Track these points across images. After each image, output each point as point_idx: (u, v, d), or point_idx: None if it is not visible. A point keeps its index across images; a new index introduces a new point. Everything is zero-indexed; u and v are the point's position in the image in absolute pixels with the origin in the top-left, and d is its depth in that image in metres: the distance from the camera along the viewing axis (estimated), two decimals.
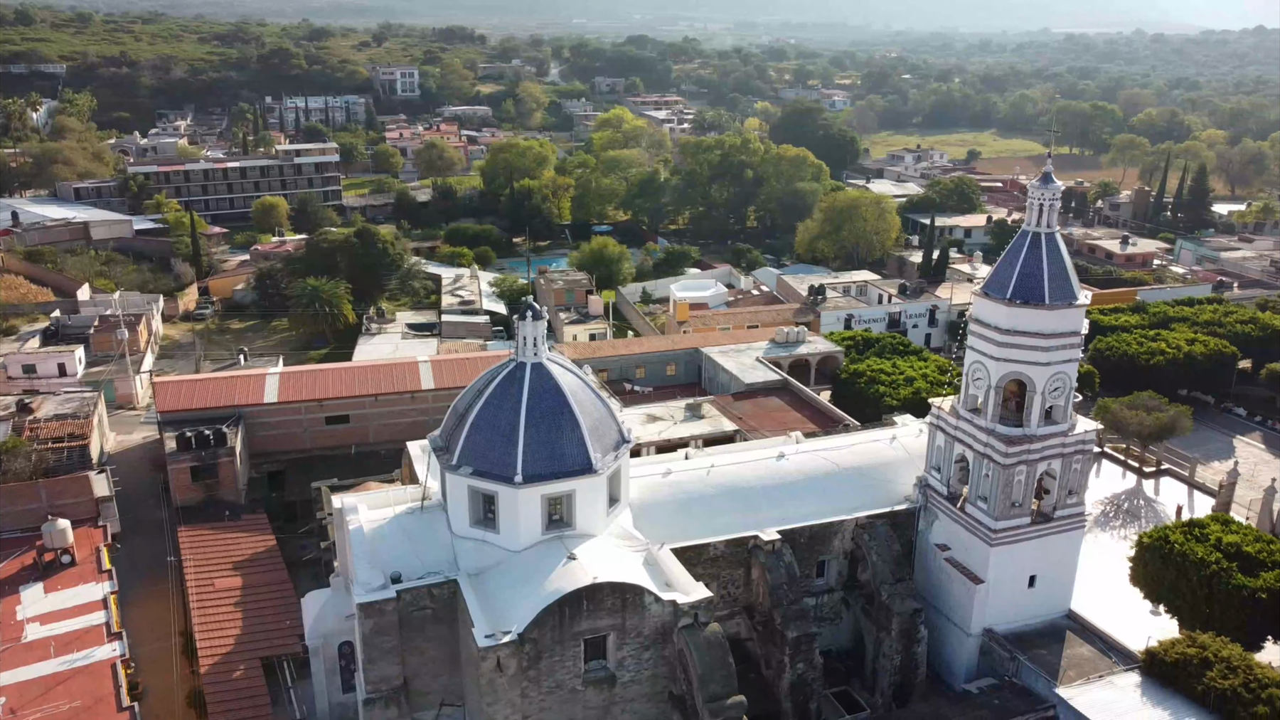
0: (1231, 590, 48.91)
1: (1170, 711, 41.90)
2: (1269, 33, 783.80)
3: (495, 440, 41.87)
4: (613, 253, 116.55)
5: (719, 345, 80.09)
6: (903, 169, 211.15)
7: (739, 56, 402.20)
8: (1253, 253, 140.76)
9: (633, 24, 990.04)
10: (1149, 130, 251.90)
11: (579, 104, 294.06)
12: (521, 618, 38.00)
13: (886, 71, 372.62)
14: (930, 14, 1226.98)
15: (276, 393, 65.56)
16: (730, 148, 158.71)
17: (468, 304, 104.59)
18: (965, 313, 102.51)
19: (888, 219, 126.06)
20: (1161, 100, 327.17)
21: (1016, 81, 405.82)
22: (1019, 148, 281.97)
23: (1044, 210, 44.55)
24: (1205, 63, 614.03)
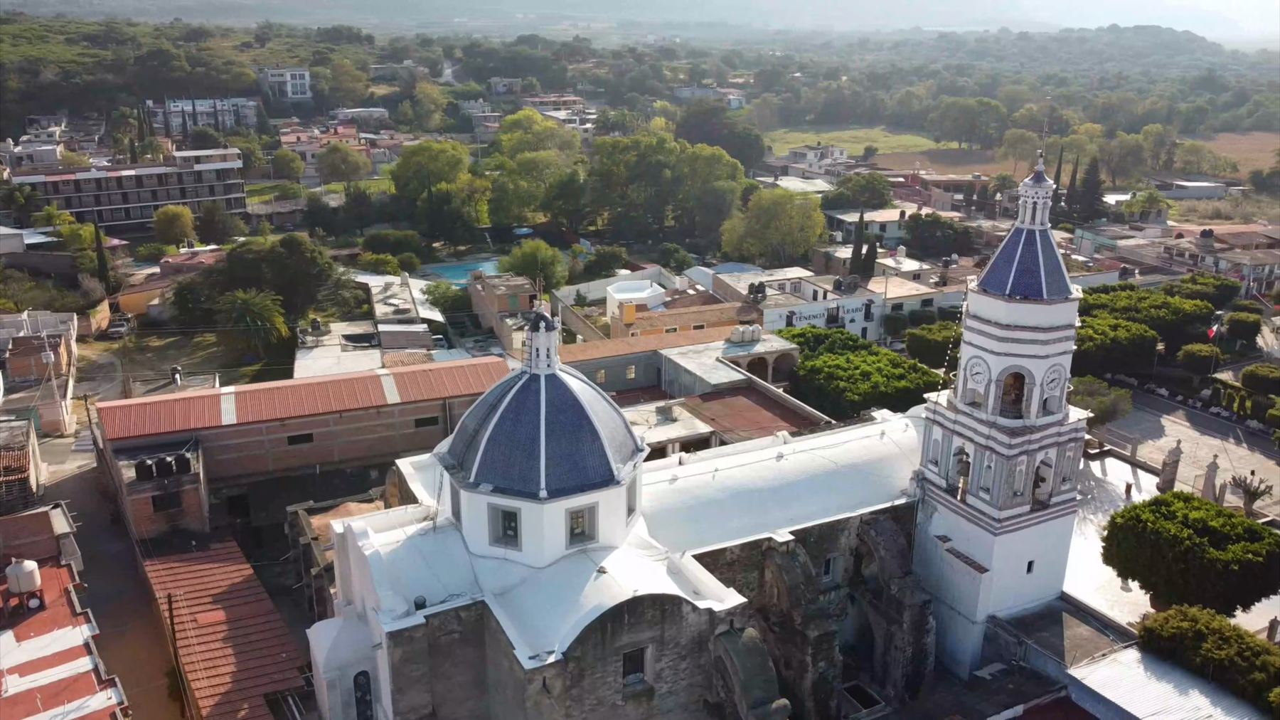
0: (1206, 564, 51.50)
1: (1174, 684, 43.84)
2: (1122, 31, 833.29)
3: (515, 455, 40.88)
4: (545, 256, 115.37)
5: (677, 347, 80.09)
6: (807, 166, 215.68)
7: (633, 56, 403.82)
8: (1145, 240, 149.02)
9: (516, 23, 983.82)
10: (1031, 125, 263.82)
11: (477, 105, 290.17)
12: (564, 636, 37.19)
13: (778, 70, 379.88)
14: (806, 13, 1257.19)
15: (235, 413, 62.48)
16: (646, 148, 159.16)
17: (403, 313, 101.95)
18: (900, 306, 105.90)
19: (812, 216, 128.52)
20: (1037, 96, 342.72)
21: (899, 79, 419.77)
22: (910, 143, 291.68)
23: (1036, 208, 46.02)
24: (1068, 60, 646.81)
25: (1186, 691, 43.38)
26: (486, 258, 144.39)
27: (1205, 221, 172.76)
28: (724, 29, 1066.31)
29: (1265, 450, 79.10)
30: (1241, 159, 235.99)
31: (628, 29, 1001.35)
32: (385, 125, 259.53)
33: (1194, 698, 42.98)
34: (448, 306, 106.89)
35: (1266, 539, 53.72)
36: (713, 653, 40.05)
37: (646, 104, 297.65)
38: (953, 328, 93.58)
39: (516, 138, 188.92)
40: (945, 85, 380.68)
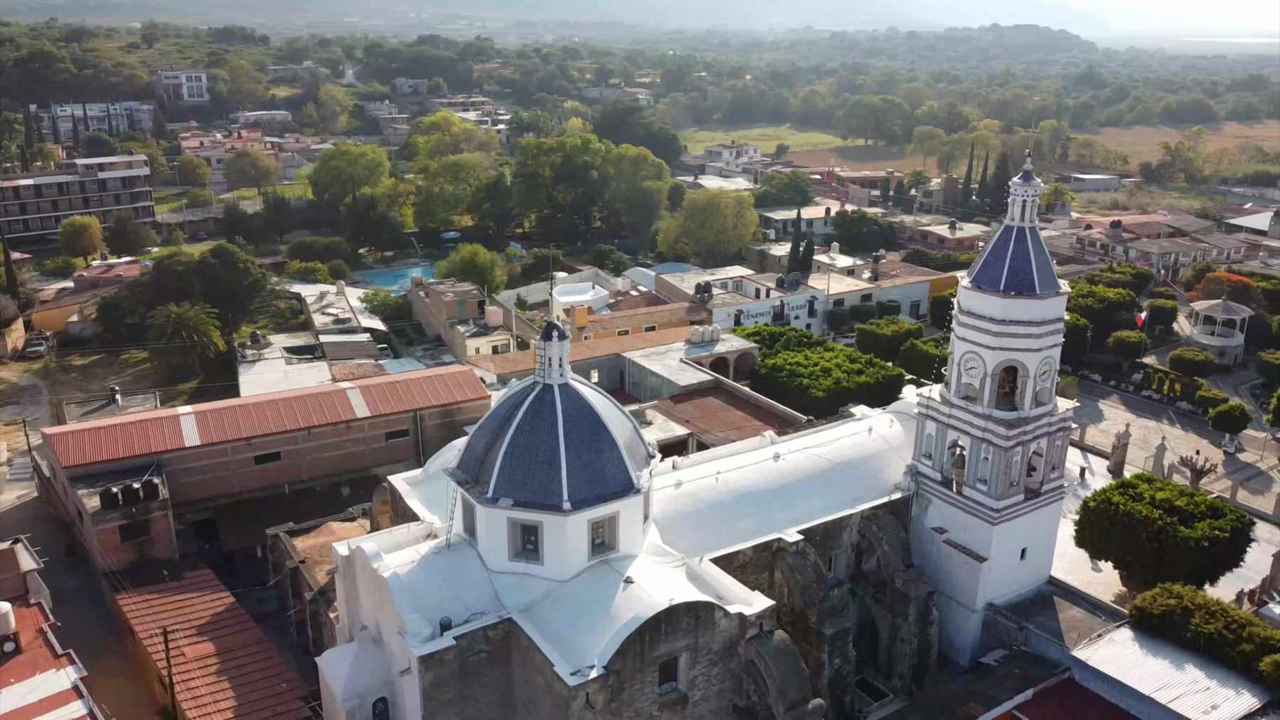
0: (1178, 542, 53.87)
1: (1169, 660, 45.69)
2: (1004, 30, 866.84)
3: (535, 468, 40.11)
4: (484, 260, 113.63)
5: (637, 349, 79.86)
6: (724, 164, 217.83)
7: (538, 56, 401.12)
8: (1055, 232, 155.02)
9: (410, 23, 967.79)
10: (933, 121, 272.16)
11: (383, 106, 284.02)
12: (603, 650, 36.64)
13: (684, 69, 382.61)
14: (701, 12, 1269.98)
15: (197, 434, 59.64)
16: (571, 149, 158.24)
17: (343, 322, 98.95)
18: (841, 302, 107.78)
19: (746, 215, 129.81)
20: (936, 94, 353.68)
21: (800, 77, 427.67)
22: (817, 140, 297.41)
23: (1025, 206, 47.39)
24: (956, 58, 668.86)
25: (1182, 666, 45.27)
26: (415, 263, 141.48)
27: (1105, 213, 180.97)
28: (620, 28, 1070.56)
29: (1199, 430, 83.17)
30: (1129, 152, 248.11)
31: (524, 29, 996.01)
32: (290, 128, 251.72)
33: (1190, 671, 44.88)
34: (387, 315, 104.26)
35: (1229, 515, 56.55)
36: (743, 657, 40.04)
37: (556, 104, 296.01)
38: (899, 322, 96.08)
39: (434, 140, 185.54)
40: (845, 84, 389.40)
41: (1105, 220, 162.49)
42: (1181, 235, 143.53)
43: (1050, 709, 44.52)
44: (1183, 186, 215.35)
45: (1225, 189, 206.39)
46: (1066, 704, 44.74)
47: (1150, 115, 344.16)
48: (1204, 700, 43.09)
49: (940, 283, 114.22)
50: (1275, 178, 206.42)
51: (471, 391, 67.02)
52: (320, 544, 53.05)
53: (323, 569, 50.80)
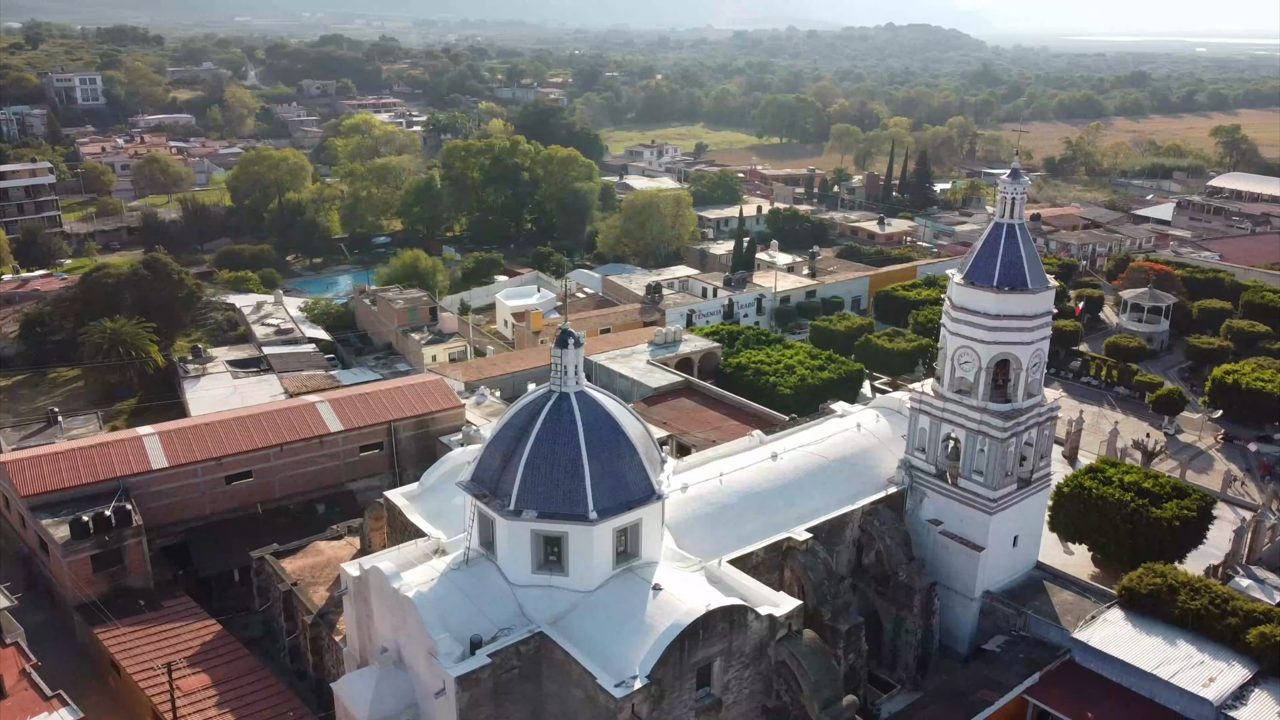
0: (1151, 522, 56.31)
1: (1161, 636, 47.54)
2: (899, 29, 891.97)
3: (558, 478, 39.45)
4: (425, 265, 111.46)
5: (602, 353, 79.37)
6: (646, 164, 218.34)
7: (448, 56, 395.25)
8: (976, 225, 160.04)
9: (305, 22, 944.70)
10: (844, 119, 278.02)
11: (291, 109, 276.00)
12: (644, 659, 36.26)
13: (596, 69, 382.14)
14: (602, 12, 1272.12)
15: (164, 456, 56.91)
16: (500, 150, 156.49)
17: (285, 333, 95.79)
18: (787, 299, 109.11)
19: (685, 214, 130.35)
20: (844, 92, 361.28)
21: (709, 76, 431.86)
22: (732, 139, 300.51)
23: (1014, 203, 48.63)
24: (855, 56, 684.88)
25: (1174, 642, 47.16)
26: (346, 269, 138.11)
27: None
28: (522, 28, 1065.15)
29: (1138, 413, 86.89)
30: (1032, 147, 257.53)
31: (425, 28, 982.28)
32: (194, 132, 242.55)
33: (1183, 647, 46.79)
34: (330, 324, 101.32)
35: (1193, 495, 59.30)
36: (773, 658, 40.15)
37: (470, 105, 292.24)
38: (851, 318, 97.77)
39: (354, 143, 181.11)
40: (754, 83, 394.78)
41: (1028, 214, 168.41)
42: (1096, 226, 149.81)
43: (1056, 691, 45.86)
44: (1084, 180, 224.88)
45: (1125, 181, 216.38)
46: (1071, 685, 46.14)
47: (1046, 111, 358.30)
48: (1200, 674, 44.97)
49: (879, 278, 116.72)
50: (1170, 170, 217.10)
51: (444, 401, 65.64)
52: (309, 565, 51.27)
53: (318, 591, 49.11)
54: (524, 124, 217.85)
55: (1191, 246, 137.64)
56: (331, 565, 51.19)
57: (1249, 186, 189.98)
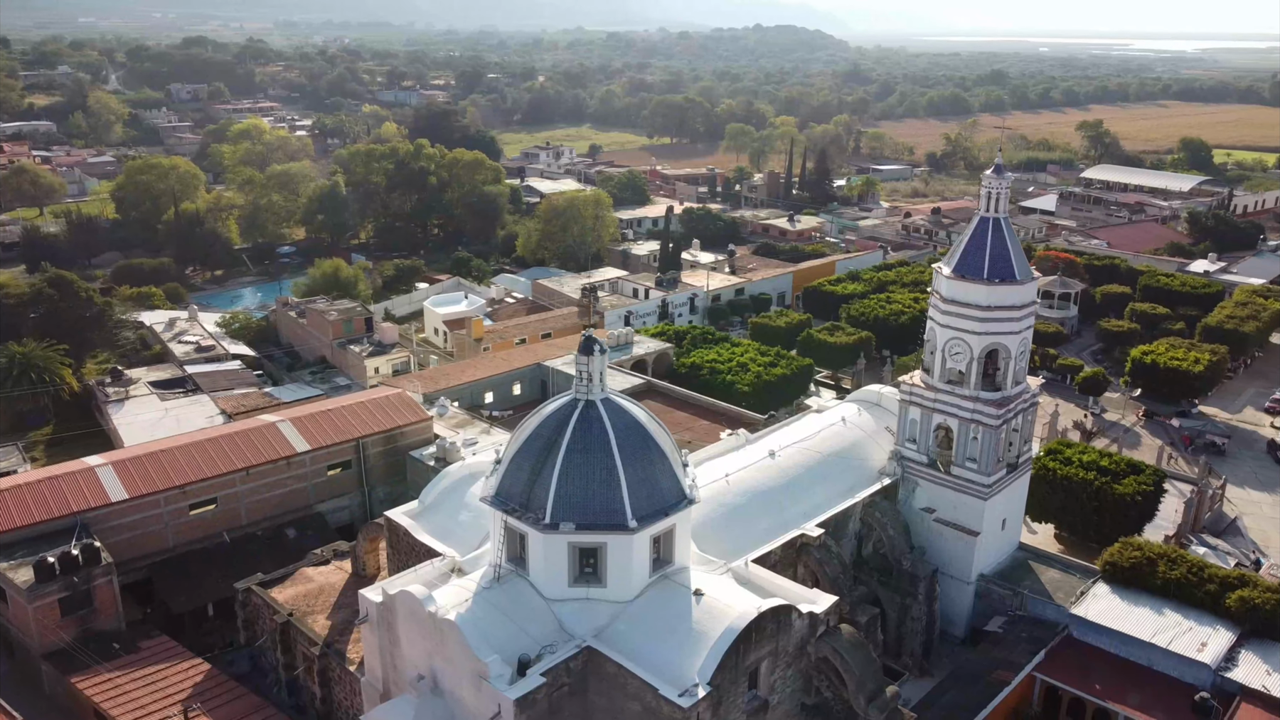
0: (1115, 499, 59.28)
1: (1149, 607, 49.95)
2: (766, 30, 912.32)
3: (593, 488, 38.60)
4: (347, 274, 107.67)
5: (557, 358, 78.25)
6: (544, 166, 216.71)
7: (324, 58, 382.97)
8: (878, 220, 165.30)
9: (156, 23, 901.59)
10: (733, 118, 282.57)
11: (161, 114, 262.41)
12: (702, 666, 35.81)
13: (478, 71, 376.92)
14: (469, 13, 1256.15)
15: (122, 487, 53.11)
16: (405, 155, 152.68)
17: (206, 350, 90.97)
18: (718, 297, 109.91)
19: (605, 216, 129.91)
20: (729, 92, 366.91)
21: (590, 77, 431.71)
22: (623, 140, 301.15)
23: (998, 198, 50.20)
24: (728, 57, 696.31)
25: (1161, 611, 49.64)
26: (251, 281, 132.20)
27: (908, 201, 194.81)
28: (388, 29, 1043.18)
29: (1064, 395, 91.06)
30: (913, 144, 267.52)
31: (286, 30, 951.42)
32: (56, 139, 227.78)
33: (1170, 615, 49.29)
34: (250, 339, 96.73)
35: (1146, 471, 62.64)
36: (813, 655, 40.29)
37: (353, 108, 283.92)
38: (789, 314, 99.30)
39: (243, 149, 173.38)
40: (636, 84, 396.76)
41: (908, 206, 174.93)
42: None
43: (1061, 666, 47.62)
44: (964, 174, 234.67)
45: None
46: (1074, 660, 47.98)
47: (917, 109, 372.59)
48: (1193, 639, 47.46)
49: (802, 275, 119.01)
50: (1044, 164, 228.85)
51: (411, 414, 63.49)
52: (302, 594, 48.73)
53: (317, 620, 46.73)
54: (417, 127, 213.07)
55: (1081, 235, 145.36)
56: (326, 592, 48.80)
57: (1118, 177, 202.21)
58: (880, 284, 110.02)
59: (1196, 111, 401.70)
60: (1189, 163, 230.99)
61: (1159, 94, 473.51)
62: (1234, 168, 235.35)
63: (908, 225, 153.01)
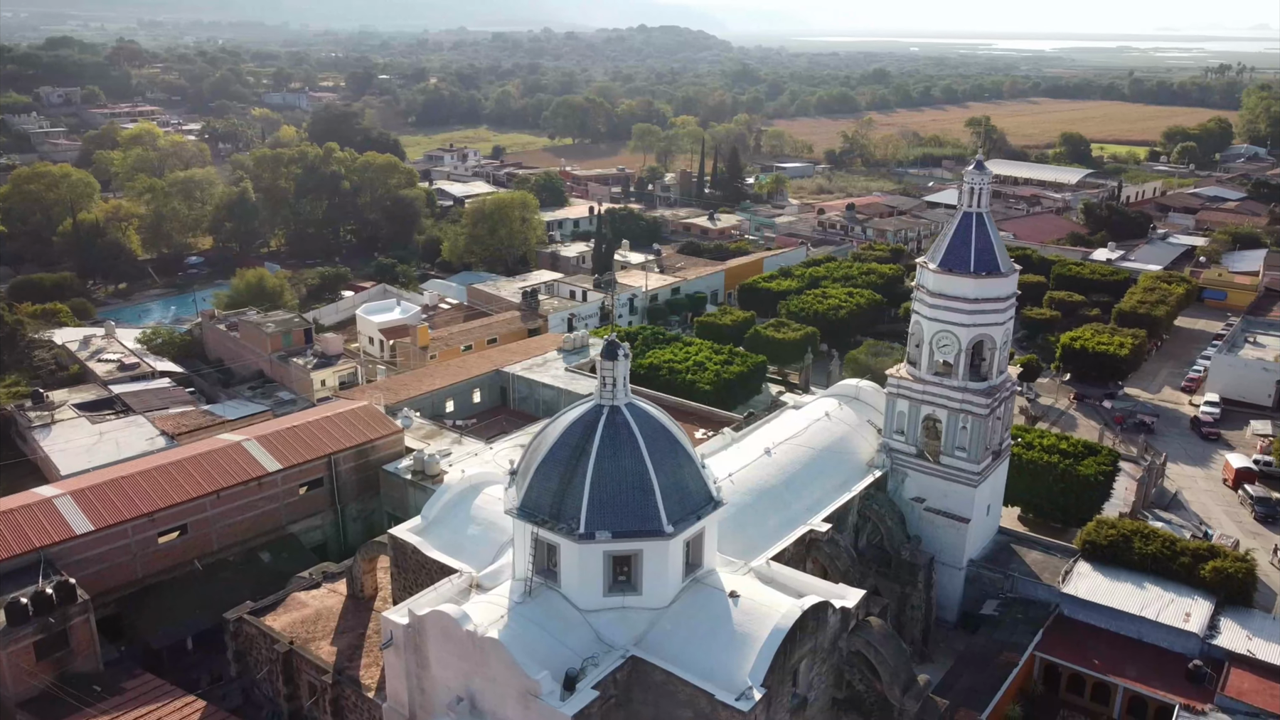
0: (1081, 479, 61.79)
1: (1130, 582, 52.30)
2: (651, 30, 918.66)
3: (627, 495, 38.02)
4: (272, 284, 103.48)
5: (516, 364, 76.91)
6: (451, 169, 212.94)
7: (205, 59, 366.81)
8: (792, 217, 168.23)
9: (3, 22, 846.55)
10: (633, 118, 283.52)
11: (31, 119, 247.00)
12: (754, 669, 35.65)
13: (369, 73, 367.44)
14: (346, 14, 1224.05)
15: (85, 518, 49.68)
16: (315, 159, 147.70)
17: (131, 368, 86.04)
18: (655, 297, 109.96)
19: (533, 218, 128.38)
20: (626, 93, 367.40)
21: (483, 78, 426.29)
22: (523, 141, 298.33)
23: (980, 194, 51.53)
24: (615, 56, 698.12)
25: (1142, 585, 52.00)
26: (160, 294, 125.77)
27: (815, 198, 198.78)
28: (261, 29, 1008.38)
29: None
30: (811, 141, 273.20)
31: (152, 30, 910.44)
32: None
33: (1150, 589, 51.66)
34: (175, 355, 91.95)
35: (1103, 452, 65.47)
36: (844, 649, 40.62)
37: (241, 111, 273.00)
38: (733, 311, 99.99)
39: (135, 155, 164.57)
40: (530, 84, 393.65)
41: (820, 203, 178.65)
42: (901, 213, 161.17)
43: (1058, 644, 49.34)
44: (863, 170, 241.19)
45: (903, 170, 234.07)
46: (1069, 636, 49.76)
47: (808, 107, 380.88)
48: (1176, 610, 49.82)
49: (733, 272, 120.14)
50: (939, 159, 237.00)
51: (382, 428, 61.37)
52: (298, 620, 46.51)
53: (320, 646, 44.67)
54: (316, 130, 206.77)
55: None
56: (324, 617, 46.72)
57: (1009, 171, 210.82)
58: (813, 280, 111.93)
59: (1065, 108, 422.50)
60: (1069, 157, 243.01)
61: (1029, 91, 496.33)
62: (1110, 160, 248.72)
63: (823, 221, 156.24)
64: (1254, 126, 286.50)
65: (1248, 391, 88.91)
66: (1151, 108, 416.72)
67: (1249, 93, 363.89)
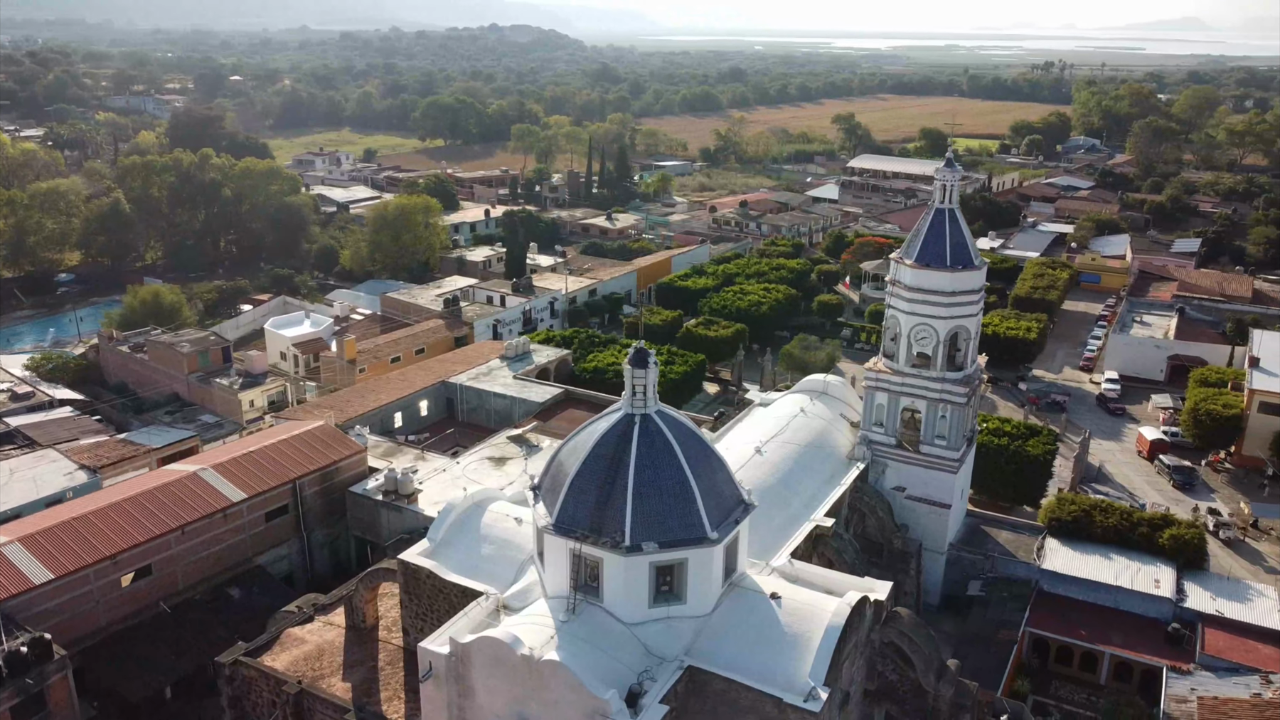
0: (1030, 459, 64.93)
1: (1097, 554, 55.40)
2: (503, 30, 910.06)
3: (669, 504, 37.63)
4: (168, 300, 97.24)
5: (461, 374, 74.81)
6: (325, 173, 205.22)
7: (34, 60, 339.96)
8: (684, 215, 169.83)
9: None
10: (505, 118, 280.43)
11: None
12: (814, 669, 35.83)
13: (219, 75, 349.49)
14: (173, 11, 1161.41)
15: (42, 566, 45.36)
16: (189, 166, 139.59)
17: (25, 398, 79.30)
18: (574, 299, 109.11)
19: (435, 223, 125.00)
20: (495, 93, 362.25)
21: (337, 79, 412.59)
22: (392, 143, 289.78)
23: (949, 190, 53.27)
24: (469, 56, 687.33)
25: (1109, 556, 55.14)
26: (29, 316, 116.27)
27: (698, 195, 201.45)
28: (82, 28, 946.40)
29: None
30: (685, 139, 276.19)
31: None
32: None
33: (1117, 559, 54.82)
34: (70, 381, 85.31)
35: (1043, 432, 69.01)
36: (877, 641, 41.35)
37: (82, 116, 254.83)
38: (661, 311, 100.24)
39: None
40: (391, 85, 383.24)
41: (712, 200, 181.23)
42: (791, 209, 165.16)
43: (1045, 617, 51.70)
44: (737, 167, 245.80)
45: (778, 167, 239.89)
46: (1053, 610, 52.20)
47: (673, 106, 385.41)
48: (1146, 578, 52.99)
49: (645, 272, 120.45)
50: (811, 155, 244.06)
51: (344, 448, 58.59)
52: (300, 657, 43.86)
53: (331, 683, 42.27)
54: (177, 135, 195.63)
55: (875, 220, 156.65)
56: (327, 652, 44.22)
57: (879, 165, 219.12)
58: (727, 277, 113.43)
59: (912, 104, 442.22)
60: (929, 150, 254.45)
61: (877, 88, 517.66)
62: (966, 154, 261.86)
63: (718, 219, 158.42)
64: (1088, 120, 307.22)
65: (1142, 368, 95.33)
66: (989, 103, 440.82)
67: (1079, 88, 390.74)
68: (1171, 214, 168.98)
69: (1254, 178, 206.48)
